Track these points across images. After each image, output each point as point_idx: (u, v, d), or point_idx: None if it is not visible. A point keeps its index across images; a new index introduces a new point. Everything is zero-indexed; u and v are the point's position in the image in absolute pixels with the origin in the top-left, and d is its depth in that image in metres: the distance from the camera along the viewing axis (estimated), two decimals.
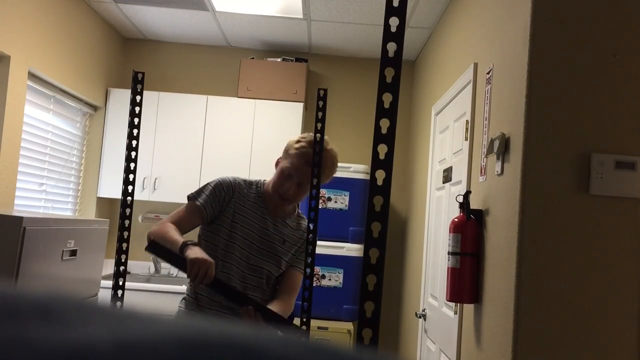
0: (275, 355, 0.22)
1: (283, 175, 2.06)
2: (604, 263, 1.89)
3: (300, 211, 2.25)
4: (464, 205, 2.33)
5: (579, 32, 1.96)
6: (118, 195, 4.31)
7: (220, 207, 2.06)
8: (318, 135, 1.79)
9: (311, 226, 1.89)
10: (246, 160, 4.36)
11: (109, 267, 4.56)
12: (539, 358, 1.88)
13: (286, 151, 2.09)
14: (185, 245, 1.84)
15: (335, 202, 4.17)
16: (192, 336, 0.22)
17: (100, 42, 4.33)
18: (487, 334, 2.18)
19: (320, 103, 1.84)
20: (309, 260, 1.93)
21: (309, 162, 2.02)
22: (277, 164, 2.13)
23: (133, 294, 3.90)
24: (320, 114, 1.82)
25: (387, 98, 0.63)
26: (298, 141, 2.07)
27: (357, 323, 0.76)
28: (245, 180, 2.15)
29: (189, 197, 2.08)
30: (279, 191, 2.07)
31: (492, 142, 2.21)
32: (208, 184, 2.11)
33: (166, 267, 4.61)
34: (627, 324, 1.88)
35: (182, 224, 2.02)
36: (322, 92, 1.84)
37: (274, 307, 2.01)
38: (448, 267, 2.33)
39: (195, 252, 1.80)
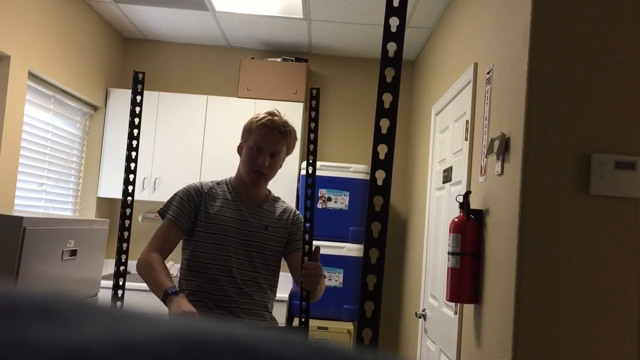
0: (275, 355, 0.22)
1: (254, 151, 2.06)
2: (604, 263, 1.89)
3: (274, 195, 2.24)
4: (464, 205, 2.33)
5: (579, 33, 1.96)
6: (118, 195, 4.31)
7: (193, 212, 2.06)
8: (310, 129, 1.79)
9: (307, 226, 1.89)
10: None
11: (109, 267, 4.56)
12: (539, 358, 1.88)
13: (247, 131, 2.10)
14: (166, 295, 1.86)
15: (335, 202, 4.17)
16: (192, 336, 0.22)
17: (100, 42, 4.33)
18: (487, 334, 2.18)
19: (314, 102, 1.84)
20: (307, 259, 1.93)
21: (276, 131, 2.04)
22: (240, 148, 2.14)
23: (133, 294, 3.90)
24: (313, 113, 1.82)
25: (387, 98, 0.63)
26: (257, 118, 2.09)
27: (357, 323, 0.76)
28: (212, 182, 2.17)
29: (159, 213, 2.09)
30: (254, 169, 2.06)
31: (492, 142, 2.21)
32: (175, 194, 2.10)
33: None
34: (627, 324, 1.88)
35: (164, 247, 2.04)
36: (314, 92, 1.84)
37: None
38: (448, 267, 2.33)
39: (178, 305, 1.81)
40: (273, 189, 2.28)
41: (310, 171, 1.97)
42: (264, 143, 2.04)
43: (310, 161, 1.96)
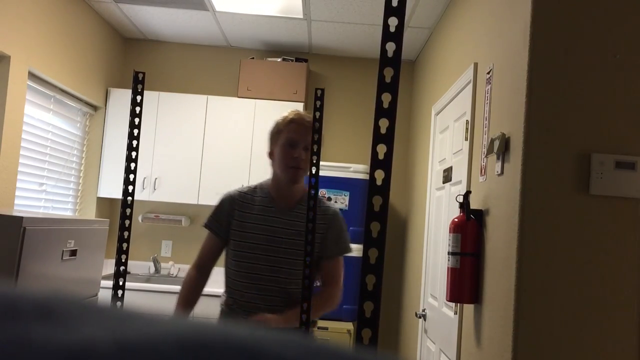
0: (274, 355, 0.22)
1: (288, 146, 2.02)
2: (604, 263, 1.89)
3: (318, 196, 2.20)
4: (464, 205, 2.33)
5: (579, 33, 1.96)
6: (118, 195, 4.31)
7: (226, 221, 2.07)
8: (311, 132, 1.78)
9: (310, 226, 1.89)
10: (246, 160, 4.36)
11: (109, 267, 4.56)
12: (539, 358, 1.88)
13: (276, 133, 2.06)
14: None
15: (335, 202, 4.17)
16: (191, 336, 0.22)
17: (100, 42, 4.33)
18: (487, 334, 2.18)
19: (318, 103, 1.83)
20: (307, 260, 1.93)
21: (307, 125, 2.01)
22: (271, 154, 2.10)
23: (133, 294, 3.90)
24: (317, 113, 1.81)
25: (386, 98, 0.63)
26: (283, 117, 2.06)
27: (357, 323, 0.77)
28: (249, 187, 2.13)
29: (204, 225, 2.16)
30: (290, 165, 2.01)
31: (492, 142, 2.21)
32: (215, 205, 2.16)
33: (166, 267, 4.61)
34: (627, 324, 1.88)
35: (205, 258, 2.11)
36: (319, 92, 1.83)
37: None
38: (448, 267, 2.33)
39: None
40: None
41: (314, 171, 1.97)
42: (296, 137, 2.00)
43: (314, 161, 1.96)
